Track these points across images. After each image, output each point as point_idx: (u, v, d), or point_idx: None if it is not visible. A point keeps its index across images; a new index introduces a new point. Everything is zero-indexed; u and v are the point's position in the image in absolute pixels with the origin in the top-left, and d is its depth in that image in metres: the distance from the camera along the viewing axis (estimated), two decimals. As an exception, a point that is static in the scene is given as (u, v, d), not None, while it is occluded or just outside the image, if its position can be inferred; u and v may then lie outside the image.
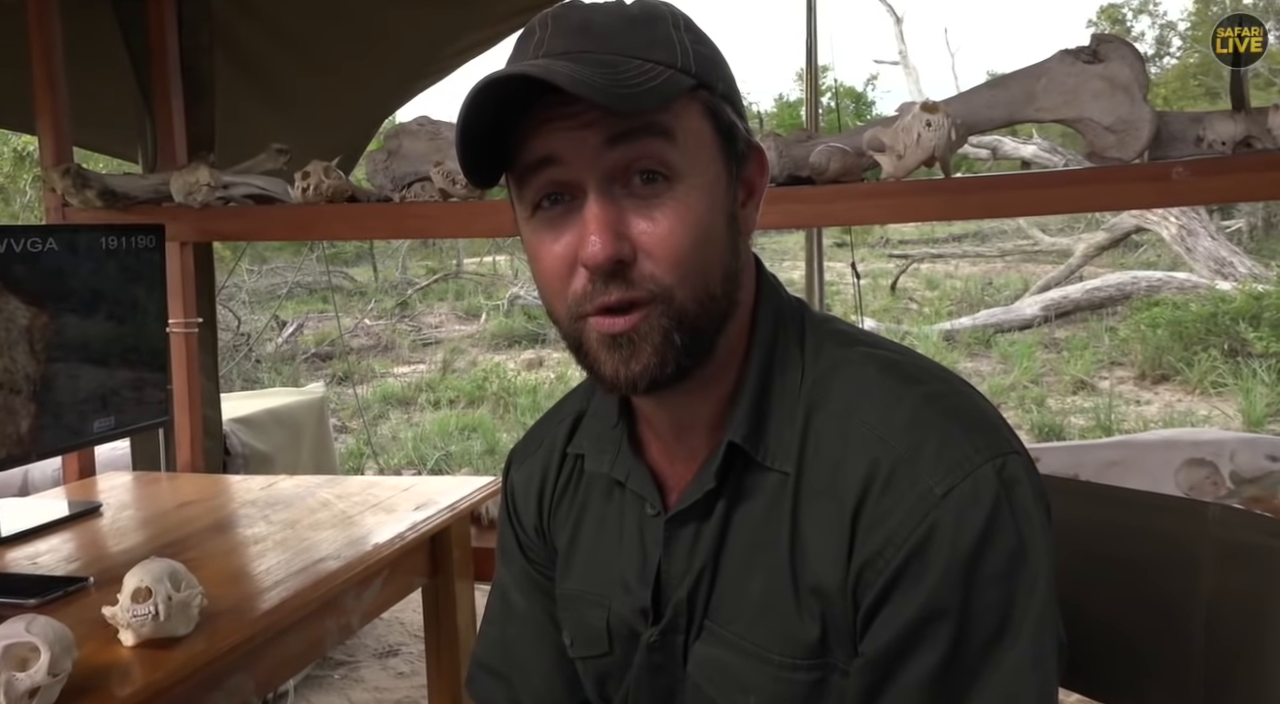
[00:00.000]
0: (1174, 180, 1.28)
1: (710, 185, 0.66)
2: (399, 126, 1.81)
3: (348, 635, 1.37)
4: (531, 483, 0.84)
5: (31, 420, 1.45)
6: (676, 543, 0.73)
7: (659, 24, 0.66)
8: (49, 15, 1.75)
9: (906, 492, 0.63)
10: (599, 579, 0.79)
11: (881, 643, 0.64)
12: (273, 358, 7.80)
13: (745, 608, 0.70)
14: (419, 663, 2.85)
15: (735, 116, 0.69)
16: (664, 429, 0.74)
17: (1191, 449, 1.44)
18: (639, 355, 0.65)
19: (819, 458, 0.68)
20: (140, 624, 0.95)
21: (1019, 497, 0.64)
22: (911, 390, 0.68)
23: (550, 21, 0.66)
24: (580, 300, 0.65)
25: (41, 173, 1.80)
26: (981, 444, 0.65)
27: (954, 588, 0.62)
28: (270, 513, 1.48)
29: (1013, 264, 11.05)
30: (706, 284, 0.66)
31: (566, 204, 0.65)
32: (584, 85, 0.60)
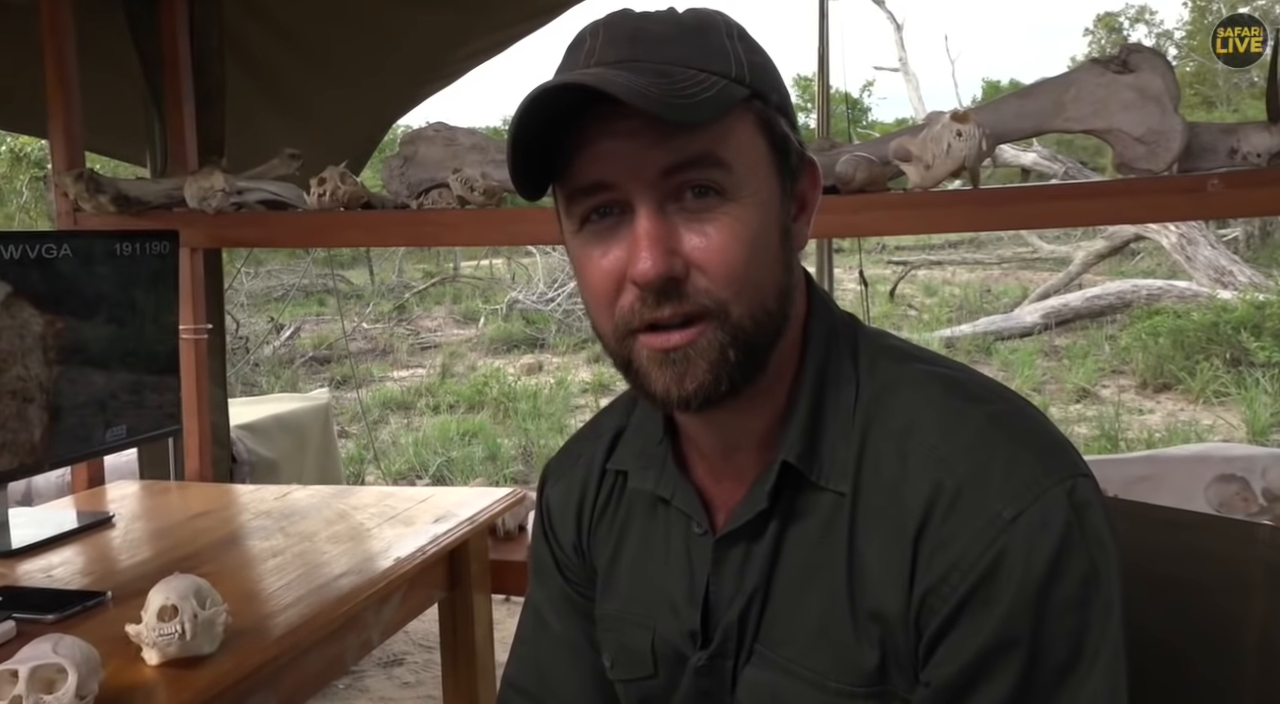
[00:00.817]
0: (1209, 192, 1.27)
1: (764, 200, 0.64)
2: (414, 132, 1.79)
3: (367, 651, 1.34)
4: (569, 499, 0.82)
5: (44, 429, 1.42)
6: (726, 564, 0.71)
7: (712, 33, 0.64)
8: (62, 19, 1.73)
9: (973, 515, 0.61)
10: (643, 600, 0.76)
11: (950, 672, 0.62)
12: (271, 361, 7.76)
13: (799, 632, 0.68)
14: (424, 673, 2.82)
15: (788, 128, 0.67)
16: (710, 448, 0.72)
17: (1222, 465, 1.42)
18: (693, 372, 0.63)
19: (877, 478, 0.66)
20: (166, 643, 0.92)
21: (1090, 521, 0.62)
22: (975, 410, 0.65)
23: (601, 30, 0.64)
24: (629, 316, 0.63)
25: (54, 177, 1.78)
26: (1051, 467, 0.63)
27: (1025, 616, 0.60)
28: (286, 525, 1.46)
29: (1010, 271, 11.07)
30: (762, 300, 0.64)
31: (616, 217, 0.63)
32: (639, 96, 0.58)
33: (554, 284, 9.43)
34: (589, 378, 7.05)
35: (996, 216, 1.39)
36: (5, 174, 10.73)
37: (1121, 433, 4.99)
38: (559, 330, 8.68)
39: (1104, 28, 19.28)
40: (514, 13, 2.47)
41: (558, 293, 9.21)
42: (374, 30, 2.44)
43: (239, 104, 2.22)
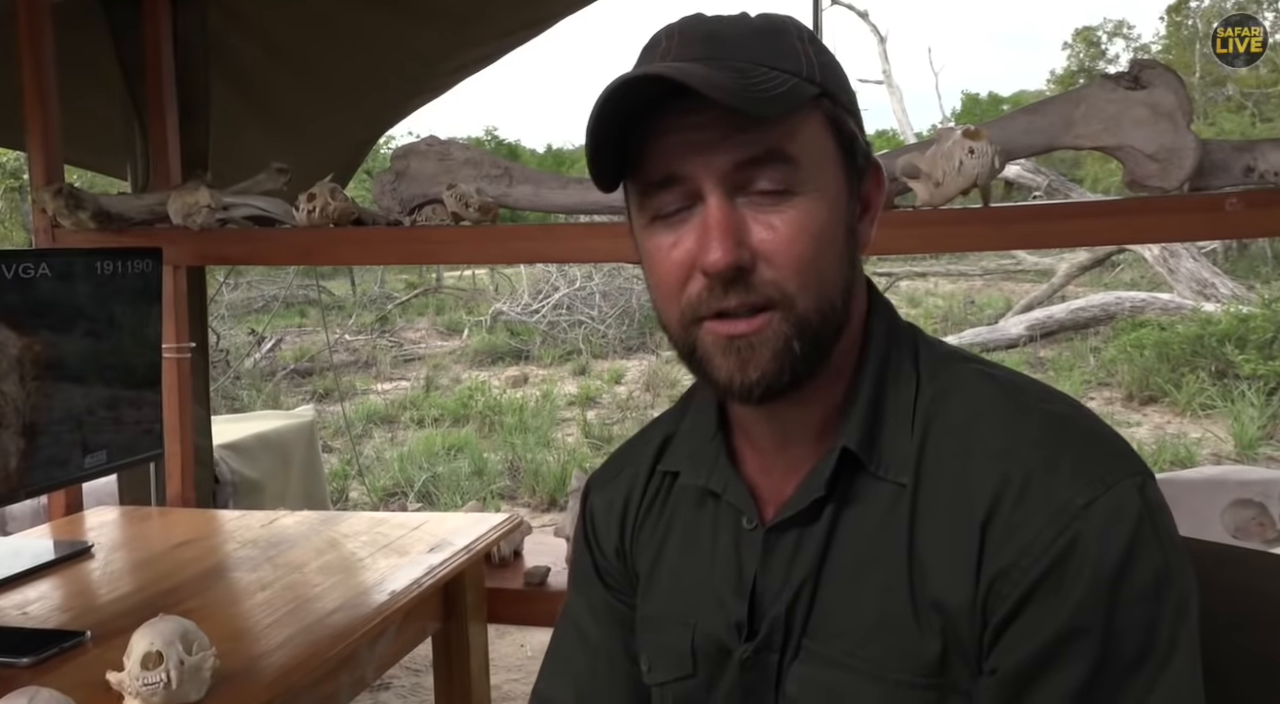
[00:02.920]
0: (1228, 212, 1.24)
1: (831, 196, 0.66)
2: (407, 147, 1.74)
3: (361, 689, 1.28)
4: (614, 505, 0.82)
5: (19, 457, 1.36)
6: (775, 555, 0.70)
7: (784, 35, 0.66)
8: (40, 29, 1.67)
9: (1045, 502, 0.61)
10: (686, 598, 0.75)
11: (1018, 659, 0.61)
12: (252, 375, 7.66)
13: (854, 625, 0.67)
14: (412, 697, 2.75)
15: (856, 129, 0.68)
16: (766, 441, 0.72)
17: (1238, 489, 1.39)
18: (757, 361, 0.64)
19: (940, 470, 0.65)
20: (151, 693, 0.87)
21: (1162, 519, 0.62)
22: (1037, 407, 0.66)
23: (676, 32, 0.66)
24: (696, 304, 0.65)
25: (32, 193, 1.72)
26: (1121, 461, 0.63)
27: (1098, 605, 0.59)
28: (274, 554, 1.40)
29: (993, 282, 11.12)
30: (828, 294, 0.65)
31: (687, 209, 0.65)
32: (717, 87, 0.59)
33: (538, 295, 9.37)
34: (575, 391, 6.99)
35: (1008, 235, 1.36)
36: (-20, 184, 10.58)
37: (1110, 446, 4.99)
38: (544, 342, 8.63)
39: (1082, 41, 19.49)
40: (502, 25, 2.44)
41: (542, 304, 9.15)
42: (362, 41, 2.40)
43: (224, 116, 2.17)
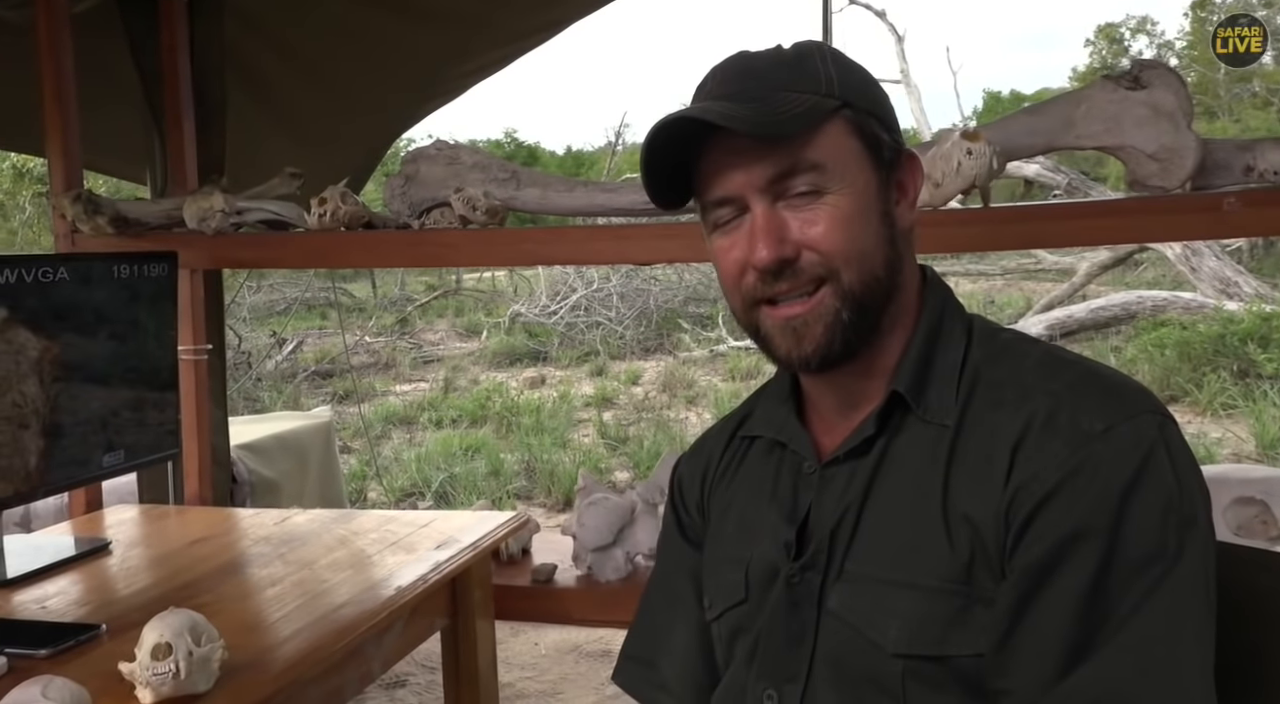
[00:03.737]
0: (1226, 211, 1.25)
1: (860, 190, 0.75)
2: (416, 151, 1.77)
3: (368, 683, 1.31)
4: (697, 470, 0.92)
5: (40, 455, 1.40)
6: (829, 486, 0.79)
7: (808, 60, 0.77)
8: (60, 38, 1.72)
9: (1066, 427, 0.69)
10: (745, 536, 0.83)
11: (1031, 557, 0.67)
12: (273, 376, 7.74)
13: (890, 545, 0.74)
14: (427, 694, 2.78)
15: (882, 129, 0.78)
16: (830, 408, 0.82)
17: (1240, 487, 1.39)
18: (810, 335, 0.75)
19: (981, 418, 0.74)
20: (160, 683, 0.90)
21: (1178, 451, 0.68)
22: (1074, 365, 0.75)
23: (718, 71, 0.79)
24: (753, 291, 0.77)
25: (51, 199, 1.76)
26: (1145, 402, 0.70)
27: (1106, 511, 0.66)
28: (286, 551, 1.43)
29: (1014, 282, 11.05)
30: (871, 267, 0.75)
31: (740, 217, 0.77)
32: (734, 120, 0.72)
33: (556, 297, 9.40)
34: (592, 391, 7.02)
35: (1009, 235, 1.37)
36: (8, 190, 10.76)
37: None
38: (561, 343, 8.66)
39: (1105, 38, 19.32)
40: (513, 30, 2.47)
41: (560, 305, 9.18)
42: (375, 47, 2.44)
43: (239, 122, 2.21)
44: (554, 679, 2.81)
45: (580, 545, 1.61)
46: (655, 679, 0.90)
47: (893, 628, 0.72)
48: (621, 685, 0.93)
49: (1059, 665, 0.66)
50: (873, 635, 0.73)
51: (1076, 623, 0.66)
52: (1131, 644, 0.64)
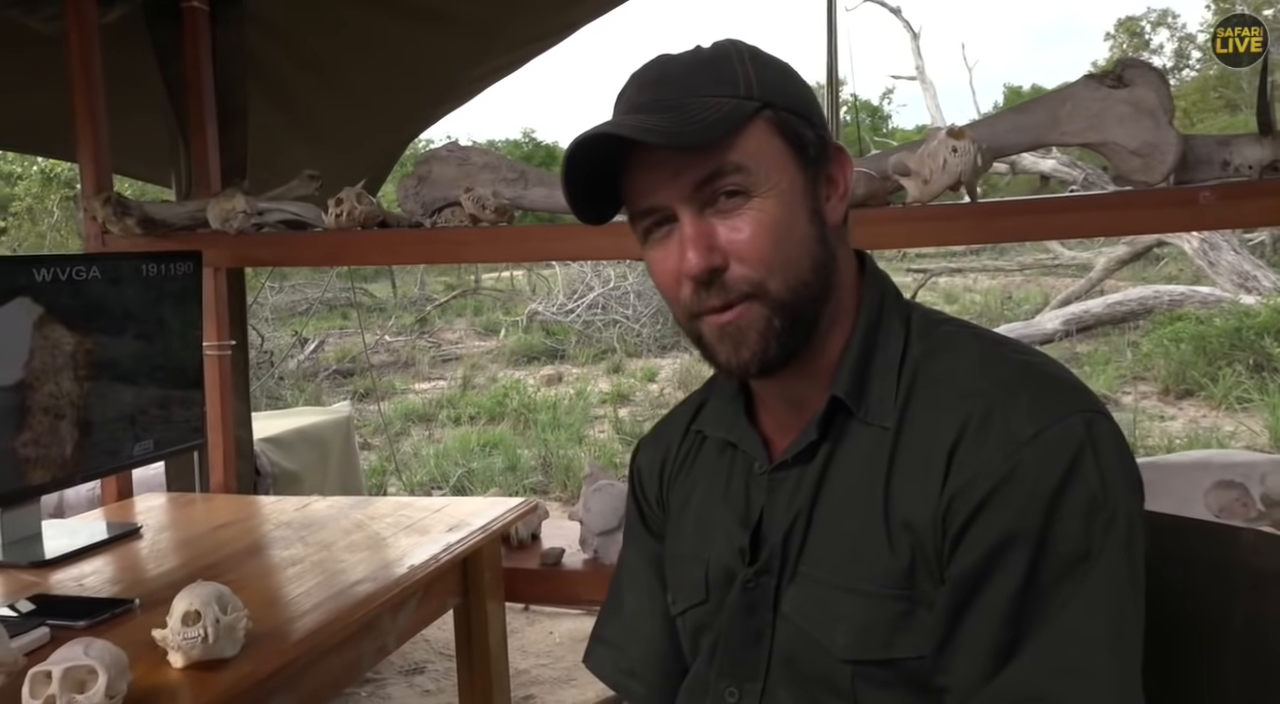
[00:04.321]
0: (1201, 205, 1.29)
1: (785, 191, 0.75)
2: (429, 153, 1.84)
3: (383, 657, 1.39)
4: (655, 460, 0.93)
5: (74, 444, 1.48)
6: (779, 491, 0.80)
7: (724, 61, 0.75)
8: (90, 48, 1.80)
9: (999, 432, 0.70)
10: (704, 535, 0.85)
11: (966, 564, 0.69)
12: (295, 375, 7.86)
13: (837, 548, 0.76)
14: (445, 680, 2.86)
15: (804, 126, 0.77)
16: (777, 404, 0.82)
17: (1221, 471, 1.44)
18: (746, 342, 0.75)
19: (920, 418, 0.74)
20: (190, 646, 0.97)
21: (1104, 449, 0.69)
22: (1010, 357, 0.75)
23: (634, 79, 0.77)
24: (690, 304, 0.76)
25: (83, 201, 1.85)
26: (1074, 401, 0.71)
27: (1034, 516, 0.68)
28: (306, 534, 1.51)
29: (1032, 278, 11.01)
30: (797, 273, 0.75)
31: (669, 226, 0.76)
32: (652, 132, 0.71)
33: (574, 296, 9.48)
34: (608, 388, 7.09)
35: (994, 229, 1.42)
36: (37, 194, 10.96)
37: (1142, 440, 4.96)
38: (579, 341, 8.73)
39: (1125, 32, 19.15)
40: (525, 34, 2.54)
41: (577, 304, 9.26)
42: (389, 52, 2.51)
43: (260, 127, 2.29)
44: (568, 666, 2.88)
45: (587, 530, 1.67)
46: (624, 665, 0.92)
47: (840, 633, 0.74)
48: (592, 670, 0.95)
49: (989, 667, 0.68)
50: (822, 640, 0.75)
51: (1006, 625, 0.68)
52: (1052, 644, 0.67)
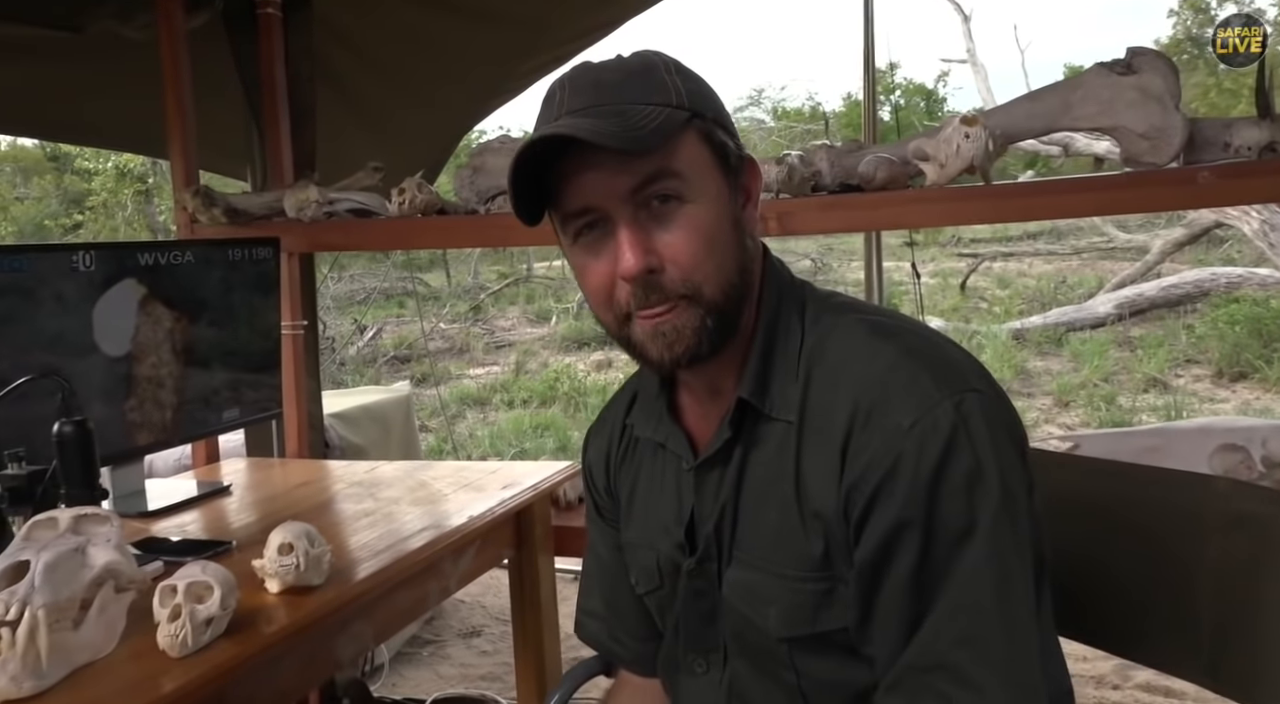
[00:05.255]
0: (1200, 184, 1.38)
1: (713, 198, 0.80)
2: (482, 145, 1.99)
3: (445, 596, 1.54)
4: (600, 453, 1.02)
5: (172, 410, 1.67)
6: (704, 487, 0.88)
7: (654, 72, 0.80)
8: (179, 53, 1.98)
9: (881, 427, 0.77)
10: (649, 527, 0.94)
11: (866, 552, 0.77)
12: (355, 361, 8.15)
13: (763, 535, 0.84)
14: (500, 643, 3.03)
15: (726, 136, 0.83)
16: (701, 392, 0.89)
17: (1225, 435, 1.52)
18: (680, 340, 0.80)
19: (817, 406, 0.81)
20: (285, 573, 1.13)
21: (974, 426, 0.76)
22: (890, 343, 0.81)
23: (567, 83, 0.81)
24: (625, 305, 0.80)
25: (175, 194, 2.03)
26: (944, 385, 0.77)
27: (919, 502, 0.75)
28: (374, 492, 1.67)
29: (1089, 262, 10.87)
30: (727, 275, 0.81)
31: (601, 230, 0.80)
32: (604, 136, 0.74)
33: (624, 283, 9.61)
34: (657, 373, 7.21)
35: (1005, 209, 1.52)
36: (111, 189, 11.43)
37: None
38: (628, 328, 8.87)
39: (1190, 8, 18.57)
40: (571, 30, 2.67)
41: (627, 291, 9.38)
42: (446, 50, 2.67)
43: (328, 123, 2.46)
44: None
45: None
46: (610, 632, 1.03)
47: (771, 615, 0.83)
48: (583, 639, 1.06)
49: (900, 639, 0.76)
50: (757, 621, 0.84)
51: (910, 601, 0.76)
52: (947, 616, 0.74)
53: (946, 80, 19.12)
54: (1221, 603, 1.03)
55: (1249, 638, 1.00)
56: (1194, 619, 1.05)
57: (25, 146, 15.16)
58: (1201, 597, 1.04)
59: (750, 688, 0.88)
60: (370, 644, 1.30)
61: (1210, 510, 1.05)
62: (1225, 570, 1.03)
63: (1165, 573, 1.07)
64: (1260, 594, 0.99)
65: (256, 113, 2.29)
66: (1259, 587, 1.00)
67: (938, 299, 9.39)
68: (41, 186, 13.47)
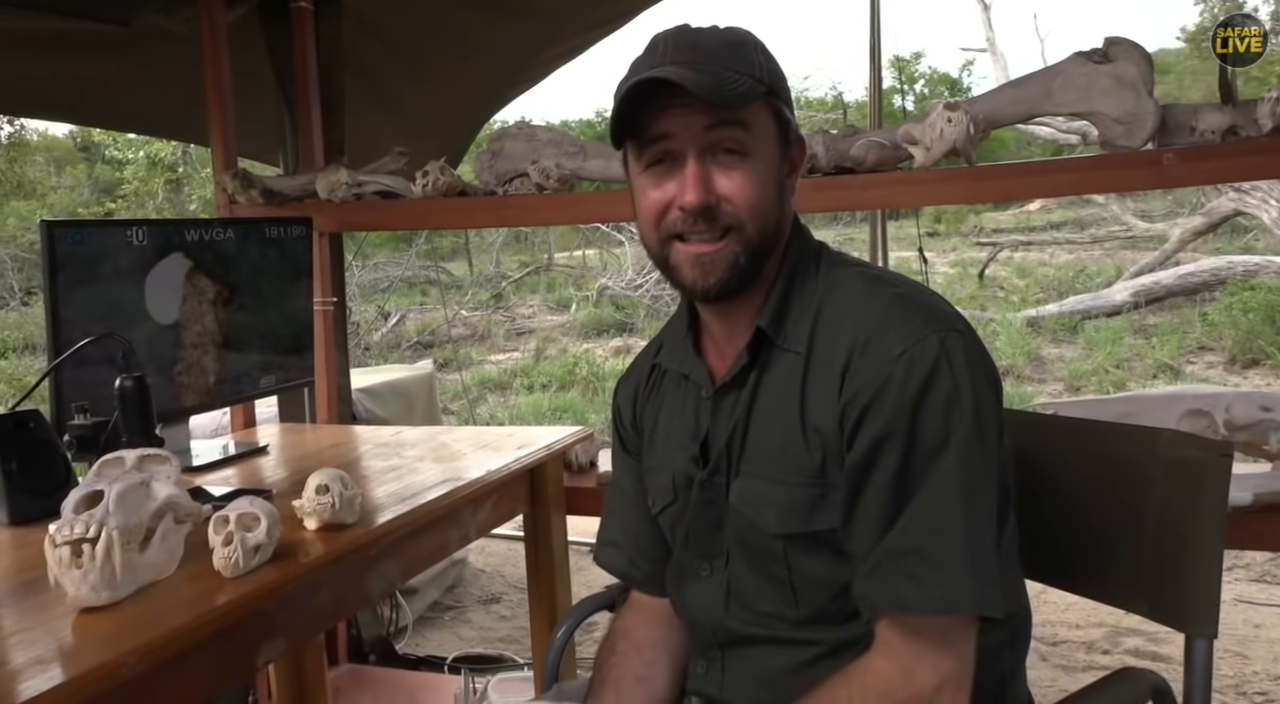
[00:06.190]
0: (1165, 165, 1.48)
1: (769, 161, 0.96)
2: (501, 130, 2.11)
3: (465, 543, 1.67)
4: (629, 391, 1.17)
5: (216, 376, 1.81)
6: (720, 410, 1.02)
7: (745, 47, 0.96)
8: (220, 46, 2.12)
9: (875, 354, 0.91)
10: (669, 449, 1.08)
11: (856, 457, 0.91)
12: (379, 346, 8.34)
13: (768, 449, 0.98)
14: (518, 609, 3.18)
15: (790, 115, 0.98)
16: (720, 333, 1.03)
17: (1192, 401, 1.62)
18: (715, 271, 0.95)
19: (823, 340, 0.96)
20: (322, 510, 1.27)
21: (955, 358, 0.90)
22: (887, 291, 0.96)
23: (671, 38, 0.95)
24: (673, 225, 0.94)
25: (215, 176, 2.18)
26: (931, 323, 0.91)
27: (903, 417, 0.89)
28: (400, 451, 1.81)
29: (1110, 251, 10.86)
30: (766, 223, 0.96)
31: (671, 164, 0.94)
32: (702, 87, 0.89)
33: (642, 271, 9.74)
34: (674, 359, 7.33)
35: (985, 190, 1.62)
36: (143, 178, 11.68)
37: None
38: (647, 315, 9.00)
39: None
40: (588, 20, 2.78)
41: (645, 279, 9.52)
42: (468, 40, 2.79)
43: (356, 110, 2.60)
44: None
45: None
46: (625, 557, 1.17)
47: (771, 516, 0.96)
48: (601, 565, 1.20)
49: (879, 531, 0.90)
50: (759, 522, 0.97)
51: (889, 500, 0.89)
52: (921, 511, 0.88)
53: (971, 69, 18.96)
54: (1161, 541, 1.14)
55: (1182, 573, 1.11)
56: (1137, 557, 1.16)
57: (56, 137, 15.50)
58: (1145, 537, 1.15)
59: (746, 584, 1.02)
60: (396, 581, 1.44)
61: (1155, 459, 1.16)
62: (1165, 512, 1.14)
63: (1116, 517, 1.18)
64: (1192, 532, 1.10)
65: (289, 101, 2.43)
66: (1192, 525, 1.11)
67: (956, 288, 9.44)
68: (74, 176, 13.78)
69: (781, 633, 1.00)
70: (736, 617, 1.03)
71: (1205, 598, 1.09)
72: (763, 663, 1.02)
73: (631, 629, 1.16)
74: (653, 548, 1.15)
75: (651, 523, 1.14)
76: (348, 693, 2.40)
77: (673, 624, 1.13)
